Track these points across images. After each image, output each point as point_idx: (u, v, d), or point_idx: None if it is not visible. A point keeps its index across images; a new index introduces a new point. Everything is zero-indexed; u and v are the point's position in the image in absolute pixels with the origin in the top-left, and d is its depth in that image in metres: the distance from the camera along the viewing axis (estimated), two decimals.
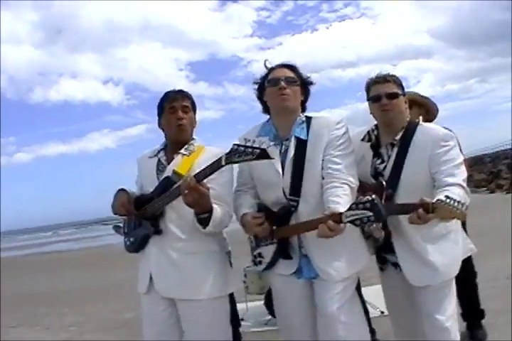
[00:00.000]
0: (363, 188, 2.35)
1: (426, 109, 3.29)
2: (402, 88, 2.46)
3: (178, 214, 2.36)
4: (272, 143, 2.31)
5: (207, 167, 2.16)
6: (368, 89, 2.48)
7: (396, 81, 2.43)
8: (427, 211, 2.03)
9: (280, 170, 2.32)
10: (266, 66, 2.46)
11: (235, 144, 2.05)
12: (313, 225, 2.14)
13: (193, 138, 2.52)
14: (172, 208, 2.35)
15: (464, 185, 2.24)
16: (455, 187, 2.18)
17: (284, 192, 2.33)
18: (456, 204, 1.98)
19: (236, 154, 2.03)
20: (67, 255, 16.88)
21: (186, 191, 2.16)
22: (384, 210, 1.99)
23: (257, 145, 2.00)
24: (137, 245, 2.46)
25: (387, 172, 2.39)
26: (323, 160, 2.31)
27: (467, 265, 2.94)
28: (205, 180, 2.18)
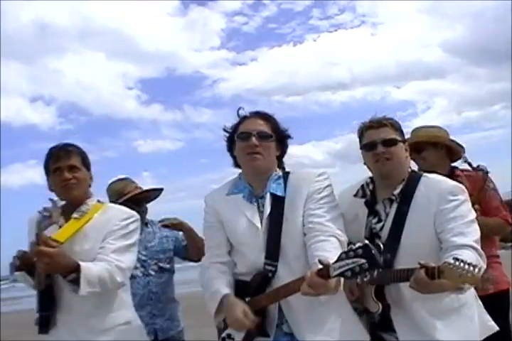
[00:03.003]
0: None
1: (447, 148, 2.84)
2: (402, 133, 2.26)
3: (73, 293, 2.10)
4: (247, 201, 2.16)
5: None
6: (360, 135, 2.27)
7: (394, 125, 2.23)
8: (431, 277, 1.79)
9: (259, 226, 2.10)
10: (238, 114, 2.27)
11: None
12: (295, 286, 1.88)
13: (89, 197, 2.31)
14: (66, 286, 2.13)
15: (477, 246, 1.99)
16: (465, 250, 1.94)
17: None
18: (466, 266, 1.73)
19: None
20: None
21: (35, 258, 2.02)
22: (379, 256, 1.72)
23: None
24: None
25: (384, 233, 2.15)
26: (303, 216, 2.11)
27: None
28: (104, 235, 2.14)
